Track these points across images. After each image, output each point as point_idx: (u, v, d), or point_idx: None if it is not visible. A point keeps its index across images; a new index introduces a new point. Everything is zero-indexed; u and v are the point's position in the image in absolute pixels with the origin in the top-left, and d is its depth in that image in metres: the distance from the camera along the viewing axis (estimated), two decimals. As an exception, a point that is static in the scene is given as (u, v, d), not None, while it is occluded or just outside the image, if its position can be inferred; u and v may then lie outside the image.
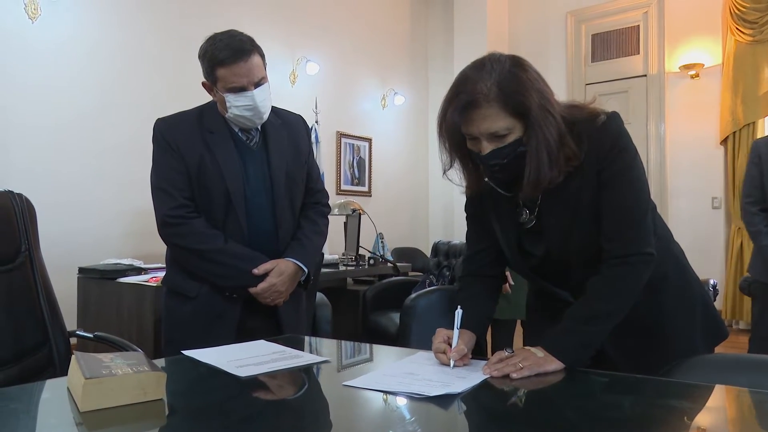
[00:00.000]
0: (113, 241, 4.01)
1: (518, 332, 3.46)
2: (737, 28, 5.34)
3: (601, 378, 1.14)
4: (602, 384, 1.12)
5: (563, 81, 6.50)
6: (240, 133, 1.78)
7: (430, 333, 1.33)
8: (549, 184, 1.22)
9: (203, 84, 1.74)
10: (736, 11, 5.34)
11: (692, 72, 5.60)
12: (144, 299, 2.83)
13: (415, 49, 7.05)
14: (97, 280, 3.06)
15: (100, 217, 4.01)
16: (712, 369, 1.27)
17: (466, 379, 1.11)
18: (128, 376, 0.97)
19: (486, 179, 1.28)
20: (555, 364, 1.17)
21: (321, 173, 5.33)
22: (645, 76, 5.96)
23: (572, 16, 6.40)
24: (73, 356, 1.05)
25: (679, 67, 5.69)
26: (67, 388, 1.02)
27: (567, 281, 1.36)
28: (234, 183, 1.69)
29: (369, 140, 6.42)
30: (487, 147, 1.19)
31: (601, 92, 6.27)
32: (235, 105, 1.67)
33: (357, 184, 6.31)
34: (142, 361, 1.06)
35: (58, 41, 3.81)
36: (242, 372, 1.15)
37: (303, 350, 1.41)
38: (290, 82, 5.50)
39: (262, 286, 1.70)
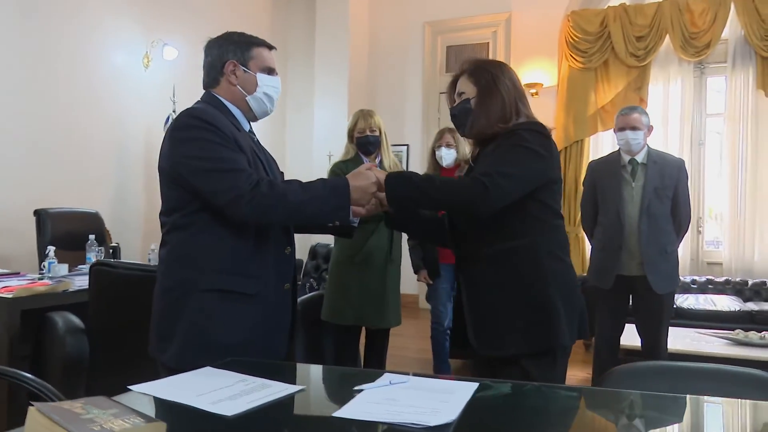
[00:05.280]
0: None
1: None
2: (571, 55, 6.03)
3: (568, 392, 1.24)
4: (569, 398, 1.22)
5: (419, 88, 6.80)
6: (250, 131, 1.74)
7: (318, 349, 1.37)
8: (476, 131, 1.73)
9: (226, 63, 1.65)
10: (570, 40, 6.02)
11: (533, 90, 6.20)
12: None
13: (275, 42, 6.87)
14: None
15: None
16: (634, 377, 1.45)
17: (449, 402, 1.13)
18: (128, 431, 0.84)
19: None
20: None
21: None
22: (492, 90, 6.46)
23: (429, 27, 6.71)
24: (32, 409, 0.89)
25: (523, 85, 6.25)
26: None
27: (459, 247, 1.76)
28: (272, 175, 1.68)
29: (226, 133, 6.14)
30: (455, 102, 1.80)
31: (454, 102, 6.68)
32: (268, 84, 1.68)
33: (212, 179, 6.00)
34: (123, 409, 0.93)
35: None
36: (222, 409, 1.06)
37: (255, 376, 1.32)
38: (143, 65, 5.06)
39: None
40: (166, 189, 1.58)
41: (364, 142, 3.02)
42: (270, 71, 1.69)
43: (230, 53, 1.65)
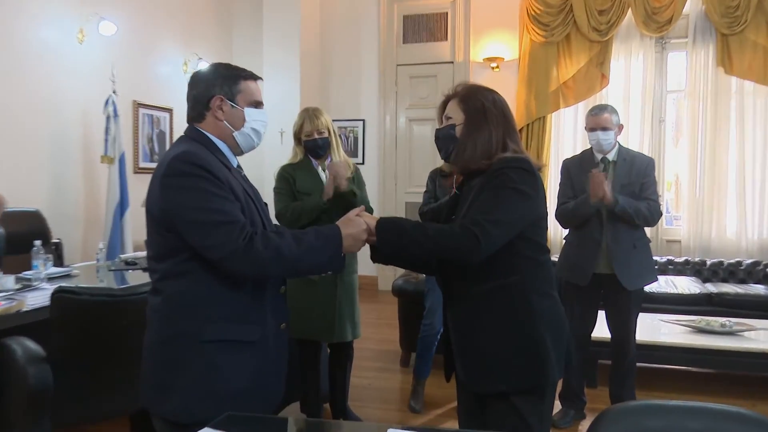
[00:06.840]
0: None
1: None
2: (533, 28, 5.84)
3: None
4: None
5: (375, 60, 6.52)
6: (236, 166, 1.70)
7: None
8: (460, 163, 1.70)
9: (212, 98, 1.59)
10: (532, 12, 5.82)
11: (494, 64, 6.01)
12: None
13: (219, 13, 6.42)
14: None
15: None
16: (630, 418, 1.36)
17: None
18: None
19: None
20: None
21: (122, 152, 4.66)
22: (452, 62, 6.25)
23: (385, -5, 6.39)
24: None
25: (483, 59, 6.06)
26: None
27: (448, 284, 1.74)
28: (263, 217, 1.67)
29: (170, 111, 5.73)
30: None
31: (412, 74, 6.44)
32: (255, 119, 1.64)
33: (156, 161, 5.62)
34: None
35: None
36: None
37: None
38: (77, 40, 4.58)
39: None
40: (156, 235, 1.52)
41: (313, 146, 2.87)
42: (257, 104, 1.65)
43: (217, 87, 1.60)
